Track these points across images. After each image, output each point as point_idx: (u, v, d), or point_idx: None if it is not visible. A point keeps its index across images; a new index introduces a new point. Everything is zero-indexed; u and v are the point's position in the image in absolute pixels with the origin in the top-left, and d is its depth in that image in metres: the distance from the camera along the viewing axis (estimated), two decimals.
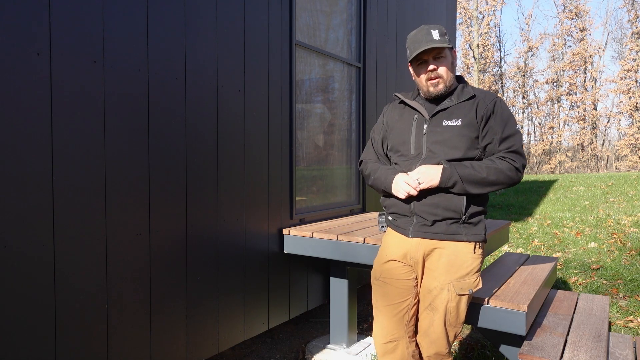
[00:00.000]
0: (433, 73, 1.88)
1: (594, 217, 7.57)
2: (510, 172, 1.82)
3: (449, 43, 1.87)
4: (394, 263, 1.99)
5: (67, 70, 1.81)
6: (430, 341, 1.93)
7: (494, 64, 29.01)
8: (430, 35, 1.85)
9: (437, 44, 1.83)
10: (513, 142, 1.86)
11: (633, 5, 24.95)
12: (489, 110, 1.86)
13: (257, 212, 2.82)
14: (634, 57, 24.43)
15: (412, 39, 1.90)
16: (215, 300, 2.53)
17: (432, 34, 1.85)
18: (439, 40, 1.84)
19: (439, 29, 1.88)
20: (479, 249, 1.91)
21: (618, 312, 3.71)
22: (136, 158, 2.09)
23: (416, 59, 1.91)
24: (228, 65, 2.58)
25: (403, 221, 1.97)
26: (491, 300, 2.11)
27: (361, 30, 3.93)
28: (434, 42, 1.83)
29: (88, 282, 1.91)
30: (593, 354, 2.01)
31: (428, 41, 1.84)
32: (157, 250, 2.20)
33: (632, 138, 23.75)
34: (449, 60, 1.90)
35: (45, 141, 1.75)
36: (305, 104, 3.38)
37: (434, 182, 1.81)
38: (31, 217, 1.71)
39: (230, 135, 2.60)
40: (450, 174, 1.80)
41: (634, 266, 4.82)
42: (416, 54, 1.86)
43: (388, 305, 2.00)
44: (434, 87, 1.90)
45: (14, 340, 1.68)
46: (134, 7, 2.06)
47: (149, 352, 2.17)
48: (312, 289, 3.36)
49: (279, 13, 2.98)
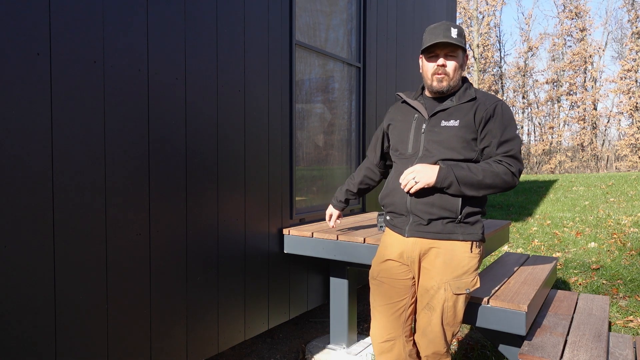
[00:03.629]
0: (441, 69, 1.89)
1: (594, 217, 7.57)
2: (506, 176, 1.81)
3: (464, 45, 1.89)
4: (391, 262, 1.99)
5: (67, 70, 1.81)
6: (428, 340, 1.93)
7: (494, 64, 29.02)
8: (449, 32, 1.86)
9: (452, 41, 1.83)
10: (511, 146, 1.85)
11: (633, 5, 24.95)
12: (488, 113, 1.86)
13: (257, 212, 2.83)
14: (634, 57, 24.42)
15: (430, 31, 1.91)
16: (215, 300, 2.53)
17: (451, 32, 1.86)
18: (456, 39, 1.85)
19: (459, 29, 1.88)
20: (476, 248, 1.91)
21: (618, 312, 3.71)
22: (136, 158, 2.09)
23: (428, 51, 1.91)
24: (228, 65, 2.58)
25: (399, 220, 1.97)
26: (491, 300, 2.11)
27: (361, 30, 3.93)
28: (450, 39, 1.84)
29: (88, 282, 1.91)
30: (593, 354, 2.01)
31: (445, 37, 1.85)
32: (157, 250, 2.20)
33: (632, 138, 23.75)
34: (460, 62, 1.91)
35: (45, 141, 1.75)
36: (305, 104, 3.38)
37: (430, 181, 1.81)
38: (31, 217, 1.71)
39: (230, 135, 2.60)
40: (446, 175, 1.80)
41: (634, 266, 4.82)
42: (429, 44, 1.87)
43: (385, 305, 2.01)
44: (438, 82, 1.90)
45: (14, 340, 1.68)
46: (134, 7, 2.06)
47: (149, 352, 2.17)
48: (312, 289, 3.36)
49: (279, 13, 2.98)
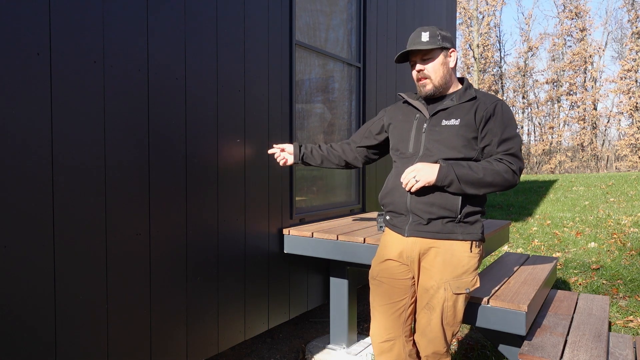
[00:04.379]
0: (420, 74, 1.95)
1: (594, 217, 7.57)
2: (506, 175, 1.81)
3: (440, 44, 1.89)
4: (391, 262, 1.99)
5: (67, 70, 1.81)
6: (428, 340, 1.93)
7: (494, 64, 29.01)
8: (419, 37, 1.91)
9: (420, 47, 1.89)
10: (512, 144, 1.86)
11: (633, 5, 24.95)
12: (488, 112, 1.87)
13: (257, 212, 2.82)
14: (634, 57, 24.43)
15: (408, 41, 1.98)
16: (215, 300, 2.53)
17: (422, 36, 1.91)
18: (426, 42, 1.89)
19: (430, 30, 1.91)
20: (476, 247, 1.91)
21: (618, 312, 3.71)
22: (136, 158, 2.09)
23: (409, 61, 2.00)
24: (228, 65, 2.58)
25: (399, 220, 1.98)
26: (491, 300, 2.11)
27: (361, 30, 3.93)
28: (419, 45, 1.90)
29: (88, 282, 1.91)
30: (593, 354, 2.01)
31: (415, 43, 1.91)
32: (157, 250, 2.20)
33: (632, 138, 23.76)
34: (440, 61, 1.92)
35: (45, 141, 1.75)
36: (305, 104, 3.38)
37: (431, 179, 1.81)
38: (31, 218, 1.71)
39: (230, 135, 2.60)
40: (447, 173, 1.80)
41: (634, 266, 4.82)
42: (398, 55, 1.97)
43: (385, 305, 2.01)
44: (423, 87, 1.96)
45: (14, 341, 1.68)
46: (134, 7, 2.06)
47: (149, 352, 2.17)
48: (312, 289, 3.36)
49: (279, 13, 2.98)
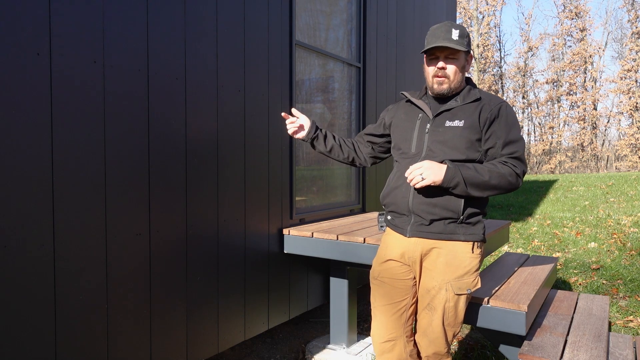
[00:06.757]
0: (441, 71, 1.86)
1: (594, 217, 7.57)
2: (511, 178, 1.80)
3: (466, 47, 1.85)
4: (392, 263, 1.99)
5: (66, 70, 1.81)
6: (429, 341, 1.93)
7: (494, 64, 29.01)
8: (450, 33, 1.82)
9: (451, 45, 1.80)
10: (516, 147, 1.84)
11: (633, 5, 24.95)
12: (493, 114, 1.85)
13: (257, 212, 2.82)
14: (634, 57, 24.43)
15: (432, 32, 1.88)
16: (215, 300, 2.53)
17: (452, 33, 1.82)
18: (456, 41, 1.82)
19: (460, 29, 1.84)
20: (478, 248, 1.91)
21: (618, 312, 3.71)
22: (136, 158, 2.09)
23: (429, 53, 1.89)
24: (228, 65, 2.58)
25: (401, 220, 1.97)
26: (491, 300, 2.11)
27: (361, 30, 3.92)
28: (450, 42, 1.81)
29: (88, 282, 1.91)
30: (593, 354, 2.00)
31: (445, 39, 1.81)
32: (157, 250, 2.20)
33: (632, 138, 23.76)
34: (461, 63, 1.88)
35: (45, 141, 1.75)
36: (305, 104, 3.38)
37: (438, 179, 1.78)
38: (31, 217, 1.71)
39: (230, 135, 2.60)
40: (454, 175, 1.78)
41: (634, 266, 4.82)
42: (428, 47, 1.84)
43: (386, 305, 2.01)
44: (438, 85, 1.89)
45: (15, 341, 1.68)
46: (134, 7, 2.06)
47: (149, 352, 2.17)
48: (312, 289, 3.36)
49: (279, 13, 2.98)
